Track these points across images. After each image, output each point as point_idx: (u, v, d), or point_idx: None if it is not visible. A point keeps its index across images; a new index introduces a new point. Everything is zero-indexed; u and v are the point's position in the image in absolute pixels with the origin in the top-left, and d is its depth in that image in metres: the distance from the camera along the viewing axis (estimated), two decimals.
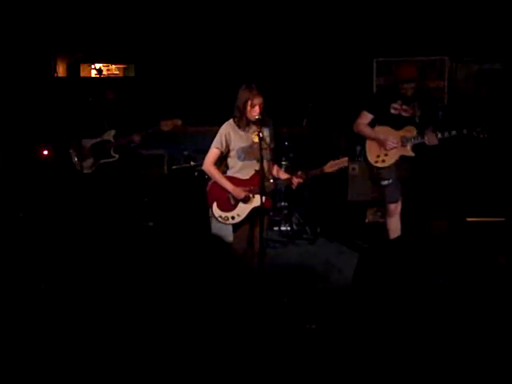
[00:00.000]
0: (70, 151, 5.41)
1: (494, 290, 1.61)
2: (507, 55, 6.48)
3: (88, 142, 5.40)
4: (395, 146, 4.60)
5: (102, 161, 5.39)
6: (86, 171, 5.39)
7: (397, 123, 4.65)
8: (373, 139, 4.72)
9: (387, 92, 4.81)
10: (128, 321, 1.71)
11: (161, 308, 1.67)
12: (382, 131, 4.71)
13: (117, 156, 5.38)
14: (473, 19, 6.44)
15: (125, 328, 1.70)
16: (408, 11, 6.60)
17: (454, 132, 4.46)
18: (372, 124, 4.78)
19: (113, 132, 5.39)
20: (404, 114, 4.65)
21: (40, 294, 3.66)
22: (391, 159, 4.63)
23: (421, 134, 4.56)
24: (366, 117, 4.76)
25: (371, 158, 4.74)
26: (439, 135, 4.47)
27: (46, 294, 3.74)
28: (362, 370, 1.64)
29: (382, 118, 4.71)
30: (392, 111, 4.66)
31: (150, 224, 5.92)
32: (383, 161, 4.67)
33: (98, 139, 5.42)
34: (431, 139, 4.48)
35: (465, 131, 4.46)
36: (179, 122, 5.20)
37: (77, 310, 3.08)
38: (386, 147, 4.62)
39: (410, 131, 4.60)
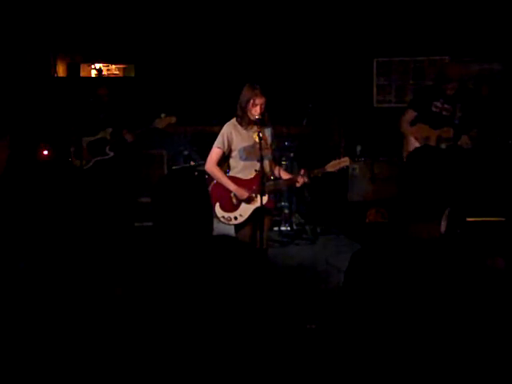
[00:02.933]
0: (71, 149, 5.43)
1: (491, 293, 1.61)
2: (507, 55, 6.48)
3: (85, 140, 5.42)
4: None
5: (97, 158, 5.39)
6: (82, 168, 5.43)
7: (436, 122, 4.64)
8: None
9: (430, 90, 4.78)
10: (127, 321, 1.71)
11: (160, 308, 1.66)
12: (419, 130, 4.70)
13: (111, 154, 5.37)
14: (473, 19, 6.44)
15: (124, 328, 1.70)
16: (408, 11, 6.60)
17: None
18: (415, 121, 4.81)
19: (109, 130, 5.38)
20: (444, 113, 4.63)
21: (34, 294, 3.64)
22: None
23: (457, 136, 4.54)
24: (410, 114, 4.77)
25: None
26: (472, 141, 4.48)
27: (43, 293, 3.73)
28: (357, 371, 1.64)
29: (424, 116, 4.71)
30: (433, 109, 4.65)
31: (149, 224, 5.94)
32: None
33: (95, 137, 5.42)
34: (465, 143, 4.48)
35: (499, 139, 4.46)
36: (173, 120, 5.17)
37: (74, 310, 3.08)
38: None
39: (447, 132, 4.59)
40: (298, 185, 3.86)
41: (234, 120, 3.84)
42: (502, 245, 4.40)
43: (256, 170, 3.74)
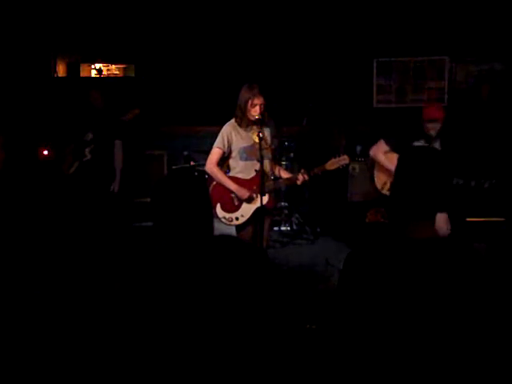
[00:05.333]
0: (57, 154, 5.45)
1: (488, 293, 1.61)
2: (507, 55, 6.48)
3: (69, 144, 5.42)
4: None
5: (79, 161, 5.38)
6: (66, 172, 5.42)
7: None
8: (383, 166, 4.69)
9: (411, 131, 4.78)
10: (127, 322, 1.71)
11: (160, 308, 1.66)
12: (393, 158, 4.69)
13: (89, 156, 5.34)
14: (473, 19, 6.45)
15: (124, 329, 1.70)
16: (408, 11, 6.60)
17: (460, 181, 4.47)
18: None
19: (91, 133, 5.36)
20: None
21: (35, 299, 3.65)
22: None
23: None
24: (384, 147, 4.75)
25: (378, 184, 4.71)
26: None
27: (44, 297, 3.74)
28: (354, 371, 1.64)
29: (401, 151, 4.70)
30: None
31: (149, 224, 5.94)
32: (389, 189, 4.65)
33: (79, 140, 5.40)
34: None
35: (473, 183, 4.45)
36: (137, 111, 5.30)
37: (74, 313, 3.08)
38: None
39: None
40: (298, 182, 3.86)
41: (233, 120, 3.84)
42: (502, 245, 4.40)
43: (256, 170, 3.75)
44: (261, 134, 3.66)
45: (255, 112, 3.71)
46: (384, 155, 4.66)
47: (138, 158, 6.15)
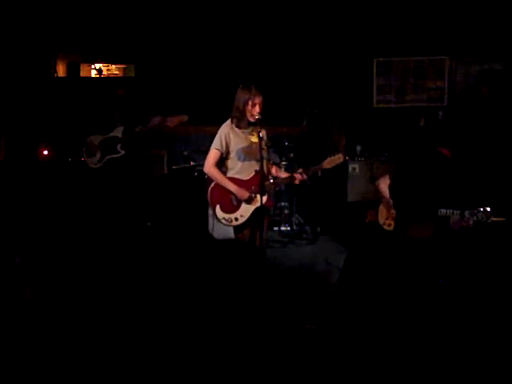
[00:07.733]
0: (83, 149, 5.48)
1: (485, 292, 1.61)
2: (507, 55, 6.48)
3: (97, 139, 5.45)
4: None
5: (109, 156, 5.42)
6: (92, 166, 5.45)
7: None
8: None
9: None
10: (128, 320, 1.71)
11: (160, 307, 1.67)
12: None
13: (123, 152, 5.40)
14: (473, 19, 6.45)
15: (124, 328, 1.70)
16: (408, 11, 6.60)
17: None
18: None
19: (121, 128, 5.41)
20: None
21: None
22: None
23: None
24: (388, 181, 4.80)
25: (380, 219, 4.78)
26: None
27: (44, 295, 3.74)
28: (355, 371, 1.64)
29: None
30: None
31: (148, 224, 5.95)
32: (389, 225, 4.70)
33: (107, 135, 5.45)
34: None
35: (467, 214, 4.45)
36: (185, 118, 5.19)
37: (74, 310, 3.08)
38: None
39: None
40: (296, 182, 3.87)
41: (229, 121, 3.83)
42: (502, 245, 4.40)
43: (256, 170, 3.75)
44: (261, 134, 3.66)
45: (255, 111, 3.71)
46: (386, 187, 4.72)
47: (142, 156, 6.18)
